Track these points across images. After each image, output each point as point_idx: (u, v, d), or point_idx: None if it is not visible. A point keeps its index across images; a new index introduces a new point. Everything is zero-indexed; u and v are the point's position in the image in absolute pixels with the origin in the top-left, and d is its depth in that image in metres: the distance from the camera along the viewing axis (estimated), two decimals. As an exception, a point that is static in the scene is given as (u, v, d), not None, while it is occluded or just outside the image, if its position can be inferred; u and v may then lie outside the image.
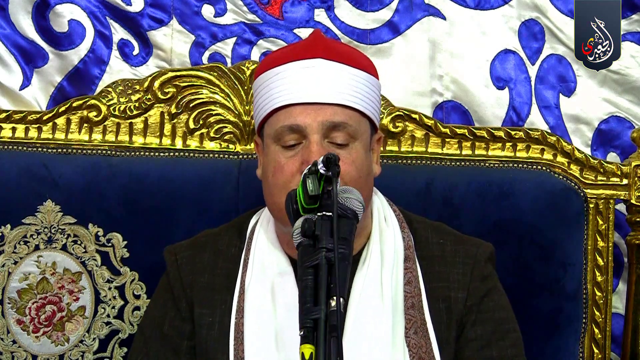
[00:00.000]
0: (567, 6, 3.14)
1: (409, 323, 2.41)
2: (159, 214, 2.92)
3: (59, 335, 2.93)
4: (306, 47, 2.46)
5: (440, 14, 3.14)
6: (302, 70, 2.41)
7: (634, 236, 3.05)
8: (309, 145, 2.37)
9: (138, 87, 3.02)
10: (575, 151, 3.04)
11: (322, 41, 2.48)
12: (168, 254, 2.57)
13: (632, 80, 3.17)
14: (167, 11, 3.10)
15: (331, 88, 2.40)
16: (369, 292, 2.40)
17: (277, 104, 2.41)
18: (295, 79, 2.40)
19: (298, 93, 2.39)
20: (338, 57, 2.43)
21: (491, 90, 3.15)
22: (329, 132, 2.39)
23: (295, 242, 2.14)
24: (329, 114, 2.39)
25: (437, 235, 2.55)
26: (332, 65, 2.42)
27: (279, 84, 2.42)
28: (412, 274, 2.46)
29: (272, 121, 2.43)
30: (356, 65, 2.44)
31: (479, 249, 2.53)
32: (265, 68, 2.48)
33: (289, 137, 2.39)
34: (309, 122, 2.38)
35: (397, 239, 2.49)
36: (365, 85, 2.44)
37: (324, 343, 1.94)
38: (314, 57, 2.42)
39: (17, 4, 3.07)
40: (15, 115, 3.00)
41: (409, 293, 2.43)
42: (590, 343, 3.04)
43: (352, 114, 2.41)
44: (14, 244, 2.91)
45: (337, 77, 2.41)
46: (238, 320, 2.42)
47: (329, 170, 2.14)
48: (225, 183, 2.95)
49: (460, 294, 2.47)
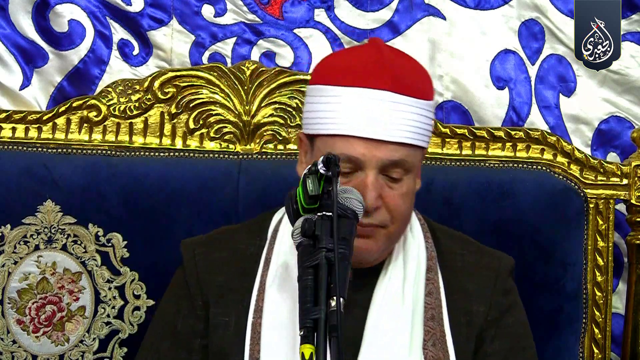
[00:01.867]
0: (567, 6, 3.14)
1: (427, 335, 2.39)
2: (159, 214, 2.92)
3: (59, 335, 2.93)
4: (374, 72, 2.35)
5: (440, 14, 3.14)
6: (367, 102, 2.33)
7: (634, 236, 3.05)
8: (365, 179, 2.33)
9: (138, 87, 3.02)
10: (575, 151, 3.04)
11: (389, 63, 2.37)
12: (185, 249, 2.52)
13: (632, 80, 3.17)
14: (167, 11, 3.10)
15: (395, 126, 2.33)
16: (390, 302, 2.38)
17: (338, 131, 2.34)
18: (359, 110, 2.33)
19: (361, 126, 2.32)
20: (405, 88, 2.35)
21: (491, 90, 3.15)
22: (386, 168, 2.34)
23: (295, 242, 2.14)
24: (390, 152, 2.33)
25: (459, 246, 2.53)
26: (398, 100, 2.34)
27: (341, 107, 2.34)
28: (433, 285, 2.44)
29: (328, 142, 2.35)
30: (420, 95, 2.37)
31: (501, 262, 2.52)
32: (326, 79, 2.39)
33: (344, 165, 2.33)
34: (369, 158, 2.33)
35: (421, 249, 2.47)
36: (426, 115, 2.38)
37: (324, 343, 1.94)
38: (381, 87, 2.33)
39: (17, 4, 3.07)
40: (15, 115, 3.00)
41: (429, 304, 2.42)
42: (590, 343, 3.04)
43: (411, 151, 2.36)
44: (14, 244, 2.91)
45: (402, 113, 2.34)
46: (255, 320, 2.39)
47: (329, 170, 2.14)
48: (225, 183, 2.95)
49: (481, 307, 2.46)
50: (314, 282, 2.04)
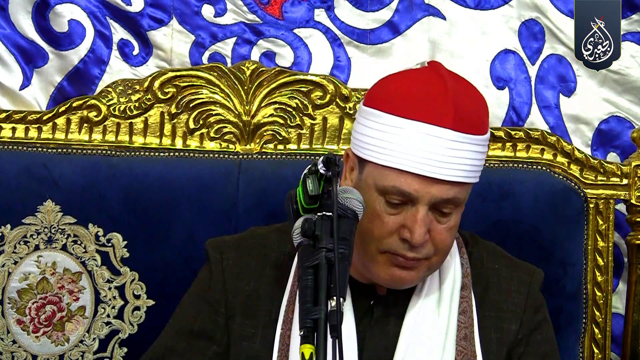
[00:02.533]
0: (567, 6, 3.14)
1: (459, 355, 2.38)
2: (159, 214, 2.92)
3: (59, 335, 2.93)
4: (437, 107, 2.30)
5: (440, 14, 3.14)
6: (428, 138, 2.28)
7: (634, 236, 3.05)
8: (416, 213, 2.30)
9: (138, 87, 3.02)
10: (575, 151, 3.04)
11: (453, 100, 2.30)
12: (213, 250, 2.48)
13: (632, 80, 3.17)
14: (167, 11, 3.09)
15: (453, 165, 2.30)
16: (425, 319, 2.38)
17: (394, 165, 2.30)
18: (418, 146, 2.28)
19: (418, 163, 2.29)
20: (466, 126, 2.30)
21: (491, 90, 3.15)
22: (438, 204, 2.32)
23: (295, 242, 2.14)
24: (444, 191, 2.31)
25: (491, 259, 2.52)
26: (458, 139, 2.30)
27: (399, 140, 2.29)
28: (467, 303, 2.43)
29: (382, 172, 2.32)
30: (479, 131, 2.34)
31: (532, 277, 2.52)
32: (384, 106, 2.33)
33: (396, 198, 2.31)
34: (422, 195, 2.30)
35: (457, 266, 2.46)
36: (482, 151, 2.36)
37: (324, 343, 1.94)
38: (443, 125, 2.28)
39: (17, 4, 3.07)
40: (15, 115, 3.00)
41: (462, 323, 2.41)
42: (590, 343, 3.04)
43: (464, 188, 2.35)
44: (14, 244, 2.91)
45: (461, 152, 2.30)
46: (284, 332, 2.36)
47: (329, 170, 2.14)
48: (225, 183, 2.95)
49: (513, 325, 2.45)
50: (314, 282, 2.04)
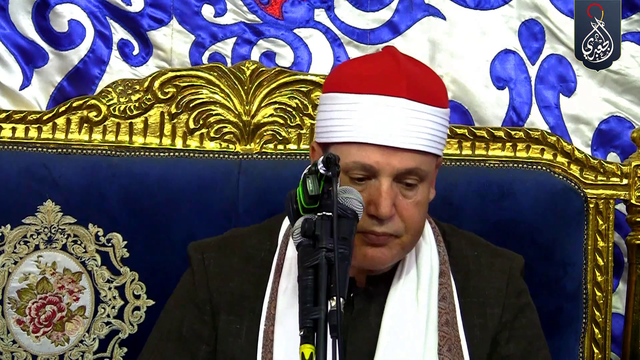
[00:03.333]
0: (567, 6, 3.14)
1: (442, 340, 2.38)
2: (159, 214, 2.92)
3: (59, 335, 2.93)
4: (389, 78, 2.34)
5: (440, 14, 3.14)
6: (383, 109, 2.31)
7: (634, 236, 3.05)
8: (380, 187, 2.31)
9: (138, 87, 3.02)
10: (575, 151, 3.04)
11: (405, 70, 2.35)
12: (194, 252, 2.49)
13: (632, 80, 3.17)
14: (167, 11, 3.10)
15: (410, 133, 2.32)
16: (405, 308, 2.38)
17: (352, 139, 2.32)
18: (374, 118, 2.31)
19: (376, 133, 2.31)
20: (421, 95, 2.33)
21: (491, 90, 3.15)
22: (401, 175, 2.33)
23: (295, 242, 2.14)
24: (404, 160, 2.32)
25: (470, 247, 2.53)
26: (413, 107, 2.32)
27: (355, 115, 2.32)
28: (446, 289, 2.44)
29: (343, 150, 2.33)
30: (434, 102, 2.36)
31: (512, 262, 2.52)
32: (341, 87, 2.37)
33: (358, 172, 2.32)
34: (383, 166, 2.31)
35: (434, 254, 2.46)
36: (441, 123, 2.37)
37: (324, 343, 1.94)
38: (397, 95, 2.32)
39: (17, 4, 3.07)
40: (15, 115, 3.00)
41: (443, 309, 2.41)
42: (590, 343, 3.04)
43: (425, 158, 2.35)
44: (14, 244, 2.91)
45: (417, 121, 2.32)
46: (267, 328, 2.37)
47: (329, 170, 2.14)
48: (225, 183, 2.95)
49: (496, 309, 2.46)
50: (314, 282, 2.04)
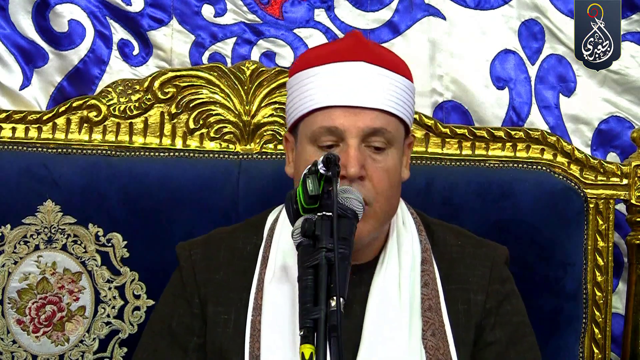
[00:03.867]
0: (567, 6, 3.14)
1: (426, 325, 2.40)
2: (159, 214, 2.92)
3: (59, 335, 2.93)
4: (347, 49, 2.42)
5: (440, 14, 3.14)
6: (344, 73, 2.37)
7: (634, 236, 3.05)
8: (347, 149, 2.34)
9: (138, 87, 3.02)
10: (575, 151, 3.04)
11: (363, 44, 2.44)
12: (181, 250, 2.53)
13: (632, 80, 3.17)
14: (167, 11, 3.10)
15: (373, 93, 2.37)
16: (388, 295, 2.39)
17: (316, 105, 2.37)
18: (336, 81, 2.37)
19: (339, 95, 2.36)
20: (380, 61, 2.40)
21: (491, 90, 3.15)
22: (367, 137, 2.36)
23: (295, 242, 2.14)
24: (369, 119, 2.36)
25: (455, 237, 2.55)
26: (373, 70, 2.38)
27: (318, 84, 2.38)
28: (429, 276, 2.45)
29: (309, 121, 2.39)
30: (396, 70, 2.42)
31: (496, 251, 2.54)
32: (302, 66, 2.44)
33: (326, 139, 2.36)
34: (349, 126, 2.35)
35: (415, 242, 2.48)
36: (404, 90, 2.42)
37: (324, 343, 1.94)
38: (356, 59, 2.38)
39: (17, 4, 3.07)
40: (15, 115, 3.00)
41: (425, 295, 2.42)
42: (590, 343, 3.04)
43: (390, 120, 2.38)
44: (14, 244, 2.91)
45: (378, 81, 2.38)
46: (255, 318, 2.39)
47: (329, 170, 2.14)
48: (225, 183, 2.95)
49: (479, 296, 2.47)
50: (314, 282, 2.04)
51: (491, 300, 2.47)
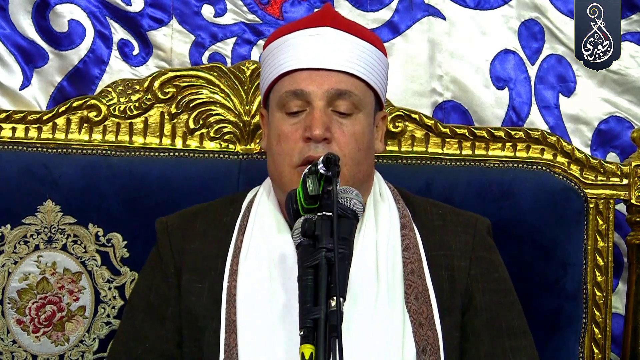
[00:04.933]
0: (567, 6, 3.14)
1: (409, 288, 2.40)
2: (159, 214, 2.90)
3: (59, 335, 2.93)
4: (315, 17, 2.47)
5: (440, 14, 3.14)
6: (309, 38, 2.41)
7: (634, 236, 3.05)
8: (313, 111, 2.37)
9: (138, 87, 3.02)
10: (575, 151, 3.04)
11: (331, 12, 2.48)
12: (159, 224, 2.58)
13: (632, 80, 3.17)
14: (167, 11, 3.10)
15: (338, 55, 2.40)
16: (365, 262, 2.38)
17: (282, 70, 2.41)
18: (301, 46, 2.40)
19: (303, 59, 2.39)
20: (346, 27, 2.44)
21: (491, 90, 3.15)
22: (334, 100, 2.38)
23: (295, 242, 2.14)
24: (335, 82, 2.38)
25: (435, 207, 2.57)
26: (339, 34, 2.42)
27: (285, 50, 2.42)
28: (409, 240, 2.46)
29: (277, 88, 2.42)
30: (364, 38, 2.45)
31: (477, 220, 2.57)
32: (273, 38, 2.48)
33: (292, 104, 2.39)
34: (314, 89, 2.37)
35: (392, 210, 2.49)
36: (372, 57, 2.44)
37: (324, 343, 1.94)
38: (322, 25, 2.42)
39: (17, 4, 3.07)
40: (15, 115, 3.00)
41: (407, 259, 2.43)
42: (590, 343, 3.04)
43: (357, 84, 2.41)
44: (14, 244, 2.91)
45: (344, 45, 2.41)
46: (230, 284, 2.40)
47: (329, 170, 2.14)
48: (225, 183, 2.95)
49: (463, 262, 2.48)
50: (314, 282, 2.04)
51: (475, 266, 2.49)
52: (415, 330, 2.35)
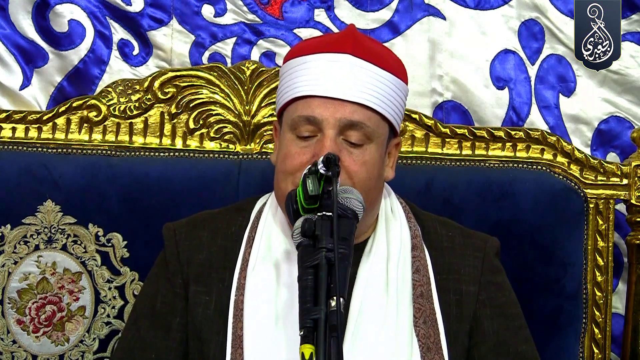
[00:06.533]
0: (567, 6, 3.14)
1: (417, 312, 2.39)
2: (159, 214, 2.92)
3: (59, 335, 2.93)
4: (337, 40, 2.43)
5: (440, 14, 3.14)
6: (327, 64, 2.38)
7: (634, 236, 3.05)
8: (323, 139, 2.35)
9: (138, 87, 3.02)
10: (575, 151, 3.04)
11: (354, 36, 2.44)
12: (166, 230, 2.54)
13: (632, 80, 3.17)
14: (167, 11, 3.10)
15: (354, 86, 2.36)
16: (374, 281, 2.38)
17: (298, 93, 2.38)
18: (319, 71, 2.37)
19: (320, 86, 2.36)
20: (367, 55, 2.40)
21: (491, 90, 3.15)
22: (345, 129, 2.36)
23: (295, 242, 2.14)
24: (348, 112, 2.36)
25: (444, 227, 2.55)
26: (358, 63, 2.38)
27: (303, 73, 2.39)
28: (420, 262, 2.44)
29: (291, 109, 2.40)
30: (384, 66, 2.41)
31: (487, 242, 2.54)
32: (293, 55, 2.45)
33: (304, 128, 2.37)
34: (326, 117, 2.35)
35: (404, 228, 2.47)
36: (390, 87, 2.41)
37: (324, 343, 1.94)
38: (342, 51, 2.38)
39: (17, 4, 3.07)
40: (15, 115, 3.00)
41: (417, 282, 2.42)
42: (590, 343, 3.04)
43: (371, 115, 2.38)
44: (14, 244, 2.91)
45: (361, 75, 2.38)
46: (237, 298, 2.39)
47: (329, 170, 2.14)
48: (225, 183, 2.95)
49: (471, 287, 2.47)
50: (314, 282, 2.04)
51: (484, 291, 2.47)
52: (424, 355, 2.35)
